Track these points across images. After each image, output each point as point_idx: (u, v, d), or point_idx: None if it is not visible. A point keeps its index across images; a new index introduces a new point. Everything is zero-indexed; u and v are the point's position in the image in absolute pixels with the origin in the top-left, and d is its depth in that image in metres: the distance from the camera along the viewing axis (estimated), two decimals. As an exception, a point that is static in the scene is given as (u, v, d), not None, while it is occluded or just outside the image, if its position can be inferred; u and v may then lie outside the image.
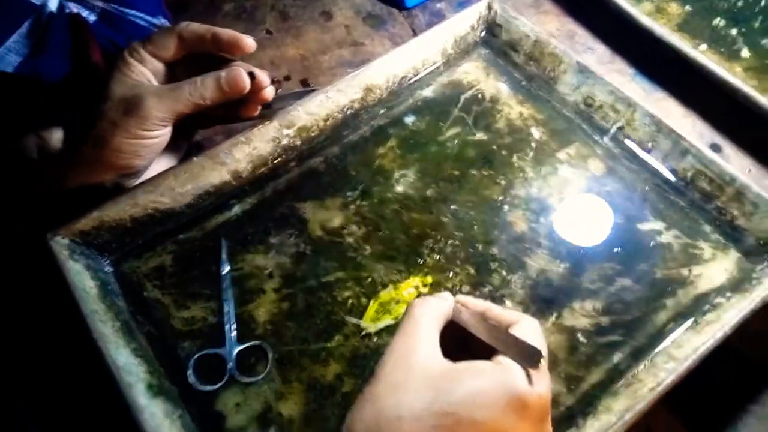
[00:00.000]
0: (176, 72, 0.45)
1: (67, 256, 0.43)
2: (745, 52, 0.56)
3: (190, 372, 0.41)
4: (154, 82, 0.43)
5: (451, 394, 0.30)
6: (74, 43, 0.52)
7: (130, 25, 0.56)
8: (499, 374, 0.31)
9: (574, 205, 0.49)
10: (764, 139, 0.53)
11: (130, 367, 0.39)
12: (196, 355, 0.42)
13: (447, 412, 0.29)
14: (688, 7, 0.60)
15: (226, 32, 0.43)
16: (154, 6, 0.59)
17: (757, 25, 0.58)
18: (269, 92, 0.45)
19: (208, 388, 0.41)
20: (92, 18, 0.54)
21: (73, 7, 0.53)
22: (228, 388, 0.41)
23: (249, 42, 0.43)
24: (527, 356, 0.31)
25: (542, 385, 0.31)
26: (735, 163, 0.53)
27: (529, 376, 0.31)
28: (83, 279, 0.43)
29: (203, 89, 0.42)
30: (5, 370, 0.46)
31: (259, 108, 0.46)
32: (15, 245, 0.47)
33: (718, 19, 0.58)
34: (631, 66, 0.59)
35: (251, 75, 0.43)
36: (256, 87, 0.43)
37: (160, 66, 0.44)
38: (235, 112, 0.46)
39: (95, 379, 0.40)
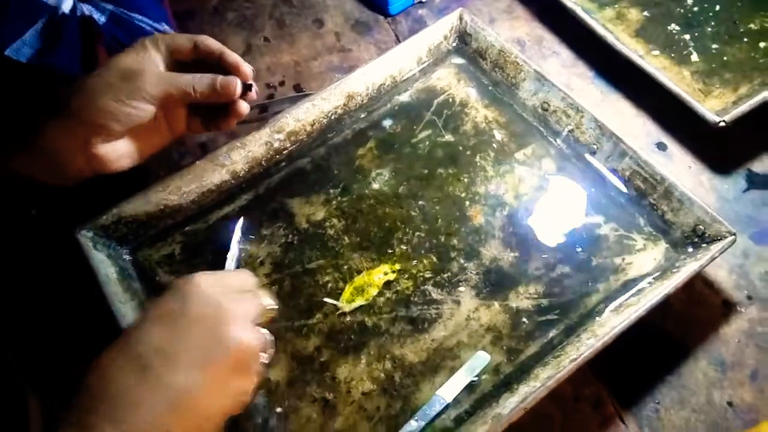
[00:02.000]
0: (183, 70, 0.49)
1: (91, 247, 0.52)
2: (695, 57, 0.61)
3: None
4: (161, 69, 0.47)
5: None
6: (84, 43, 0.58)
7: (136, 28, 0.62)
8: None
9: (526, 201, 0.55)
10: (704, 139, 0.58)
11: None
12: None
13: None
14: (646, 13, 0.64)
15: (233, 56, 0.49)
16: (158, 14, 0.65)
17: (708, 30, 0.63)
18: (244, 109, 0.50)
19: None
20: (102, 19, 0.59)
21: (85, 9, 0.58)
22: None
23: (247, 71, 0.49)
24: None
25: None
26: (678, 159, 0.59)
27: None
28: (105, 266, 0.51)
29: (198, 82, 0.47)
30: (34, 348, 0.55)
31: (234, 123, 0.51)
32: (43, 237, 0.55)
33: (673, 24, 0.63)
34: (591, 69, 0.65)
35: (248, 86, 0.48)
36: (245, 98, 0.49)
37: (170, 59, 0.48)
38: (215, 121, 0.51)
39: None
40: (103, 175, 0.47)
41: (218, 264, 0.53)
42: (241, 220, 0.55)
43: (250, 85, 0.49)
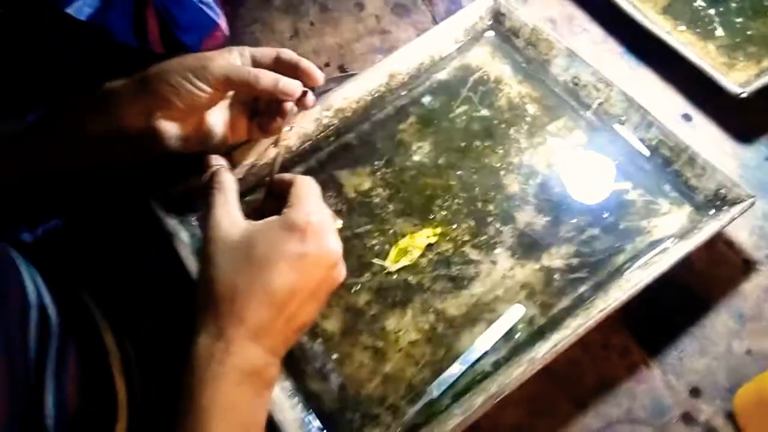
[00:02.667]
0: None
1: (165, 214, 0.58)
2: (720, 32, 0.64)
3: None
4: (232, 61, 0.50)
5: (249, 250, 0.41)
6: (136, 8, 0.61)
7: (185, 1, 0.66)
8: (281, 219, 0.43)
9: (558, 170, 0.60)
10: (727, 110, 0.62)
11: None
12: None
13: (248, 264, 0.41)
14: (674, -10, 0.68)
15: (308, 62, 0.52)
16: None
17: (733, 5, 0.65)
18: (292, 112, 0.54)
19: None
20: None
21: None
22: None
23: (318, 77, 0.52)
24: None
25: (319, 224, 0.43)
26: (702, 129, 0.62)
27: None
28: (178, 230, 0.57)
29: (263, 76, 0.49)
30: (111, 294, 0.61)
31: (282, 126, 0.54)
32: (123, 206, 0.62)
33: (699, 1, 0.66)
34: (620, 45, 0.68)
35: (304, 93, 0.52)
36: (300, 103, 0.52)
37: (249, 64, 0.51)
38: (266, 122, 0.54)
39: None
40: (157, 155, 0.52)
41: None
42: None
43: (306, 92, 0.52)
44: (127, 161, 0.54)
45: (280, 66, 0.52)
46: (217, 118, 0.54)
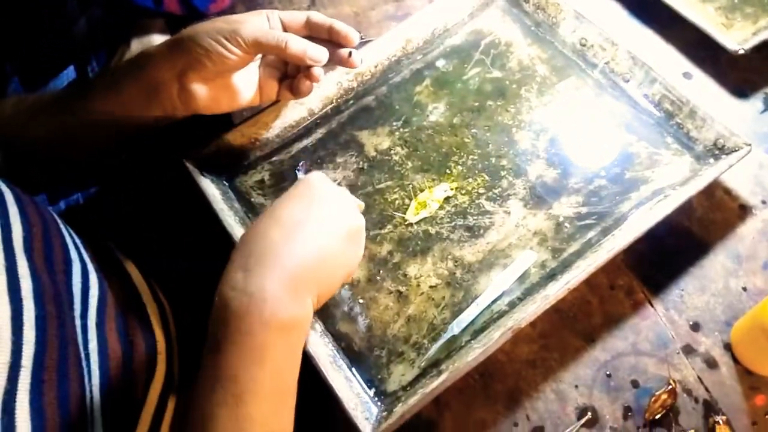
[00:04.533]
0: None
1: (198, 173, 0.62)
2: (719, -7, 0.68)
3: None
4: (263, 25, 0.52)
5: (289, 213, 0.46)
6: None
7: None
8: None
9: (567, 126, 0.63)
10: (725, 68, 0.65)
11: (248, 246, 0.58)
12: None
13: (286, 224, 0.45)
14: (675, -45, 0.71)
15: (341, 25, 0.54)
16: None
17: (732, -32, 0.69)
18: (317, 77, 0.56)
19: None
20: None
21: None
22: (314, 261, 0.59)
23: (354, 37, 0.55)
24: None
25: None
26: (702, 86, 0.66)
27: None
28: (210, 188, 0.61)
29: (292, 40, 0.51)
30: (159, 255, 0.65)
31: (309, 90, 0.58)
32: (159, 167, 0.65)
33: (700, -36, 0.69)
34: (625, 8, 0.71)
35: (349, 53, 0.55)
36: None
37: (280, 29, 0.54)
38: (295, 85, 0.57)
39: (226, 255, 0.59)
40: (189, 116, 0.55)
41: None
42: (302, 163, 0.65)
43: (350, 52, 0.55)
44: (159, 122, 0.57)
45: (312, 29, 0.55)
46: (247, 80, 0.56)
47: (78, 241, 0.51)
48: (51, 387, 0.37)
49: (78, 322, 0.44)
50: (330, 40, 0.55)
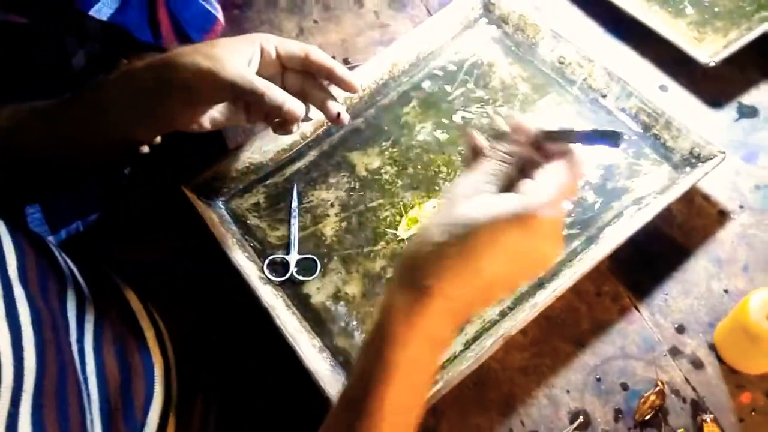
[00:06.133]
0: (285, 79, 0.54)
1: (195, 198, 0.64)
2: (690, 10, 0.71)
3: (265, 268, 0.61)
4: (246, 64, 0.50)
5: (474, 229, 0.37)
6: (149, 7, 0.65)
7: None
8: (516, 203, 0.37)
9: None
10: (699, 79, 0.68)
11: (247, 267, 0.60)
12: (268, 258, 0.61)
13: (466, 243, 0.37)
14: (646, -26, 0.74)
15: (343, 71, 0.53)
16: None
17: (701, -15, 0.72)
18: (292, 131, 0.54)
19: (278, 279, 0.60)
20: None
21: None
22: (310, 280, 0.61)
23: (355, 85, 0.54)
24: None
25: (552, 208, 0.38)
26: (677, 98, 0.68)
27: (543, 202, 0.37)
28: (209, 213, 0.63)
29: (271, 93, 0.49)
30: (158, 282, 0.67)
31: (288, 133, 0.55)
32: (157, 194, 0.68)
33: (671, -19, 0.73)
34: (600, 26, 0.74)
35: (338, 114, 0.53)
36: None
37: (271, 60, 0.52)
38: (271, 125, 0.55)
39: (224, 277, 0.61)
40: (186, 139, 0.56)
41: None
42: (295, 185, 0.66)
43: (339, 113, 0.53)
44: (148, 136, 0.57)
45: (310, 67, 0.53)
46: (230, 105, 0.56)
47: (74, 267, 0.52)
48: (51, 411, 0.38)
49: (75, 346, 0.45)
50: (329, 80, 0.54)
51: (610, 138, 0.39)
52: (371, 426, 0.38)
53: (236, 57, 0.50)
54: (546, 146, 0.41)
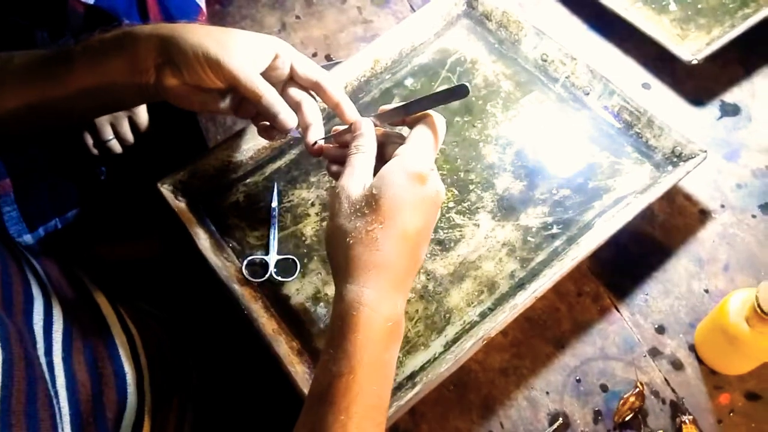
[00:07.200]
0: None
1: (172, 196, 0.63)
2: (673, 6, 0.70)
3: (243, 269, 0.60)
4: (255, 64, 0.51)
5: (377, 200, 0.43)
6: None
7: None
8: (397, 161, 0.45)
9: (532, 139, 0.65)
10: (682, 77, 0.68)
11: (225, 268, 0.59)
12: (247, 259, 0.60)
13: (379, 213, 0.43)
14: (631, -29, 0.73)
15: (354, 113, 0.53)
16: None
17: (686, -18, 0.71)
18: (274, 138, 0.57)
19: (257, 281, 0.60)
20: None
21: None
22: (290, 281, 0.60)
23: (358, 126, 0.51)
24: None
25: (434, 171, 0.46)
26: (660, 96, 0.68)
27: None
28: (185, 212, 0.62)
29: (268, 98, 0.50)
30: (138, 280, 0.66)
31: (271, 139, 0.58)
32: (136, 193, 0.67)
33: (655, -21, 0.72)
34: (584, 23, 0.74)
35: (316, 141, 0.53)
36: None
37: (282, 79, 0.54)
38: (258, 127, 0.57)
39: (202, 277, 0.60)
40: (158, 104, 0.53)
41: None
42: (275, 184, 0.65)
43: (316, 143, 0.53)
44: (137, 101, 0.56)
45: (318, 93, 0.54)
46: (226, 91, 0.54)
47: (42, 274, 0.51)
48: (20, 430, 0.37)
49: (43, 360, 0.44)
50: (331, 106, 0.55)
51: (456, 93, 0.47)
52: (339, 412, 0.39)
53: (246, 52, 0.50)
54: (408, 120, 0.51)
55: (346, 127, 0.53)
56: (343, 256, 0.44)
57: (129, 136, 0.71)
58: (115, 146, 0.71)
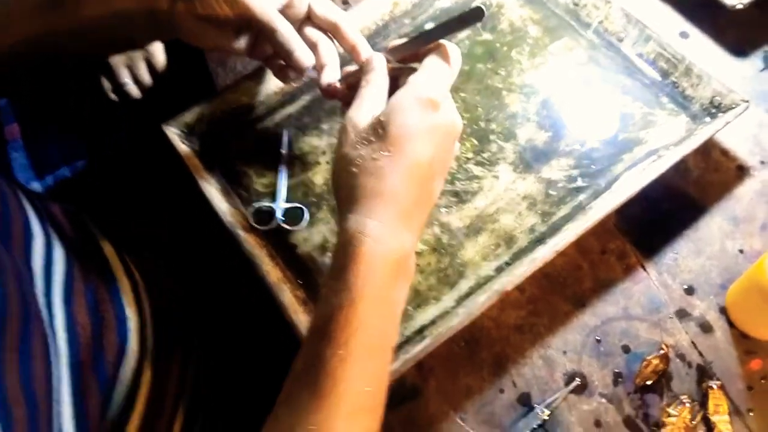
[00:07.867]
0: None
1: (178, 141, 0.60)
2: (718, -52, 0.65)
3: (250, 216, 0.57)
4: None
5: (386, 127, 0.40)
6: None
7: None
8: (407, 88, 0.42)
9: (559, 88, 0.61)
10: (723, 26, 0.63)
11: (231, 214, 0.57)
12: (254, 206, 0.58)
13: (387, 142, 0.40)
14: None
15: (368, 50, 0.51)
16: None
17: None
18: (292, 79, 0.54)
19: (263, 228, 0.57)
20: None
21: None
22: (297, 230, 0.58)
23: (364, 54, 0.50)
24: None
25: (449, 100, 0.43)
26: (699, 45, 0.63)
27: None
28: (191, 157, 0.60)
29: (284, 32, 0.48)
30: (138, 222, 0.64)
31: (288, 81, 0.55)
32: (140, 133, 0.64)
33: None
34: (620, -33, 0.69)
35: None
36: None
37: (299, 18, 0.51)
38: (273, 68, 0.55)
39: (208, 224, 0.58)
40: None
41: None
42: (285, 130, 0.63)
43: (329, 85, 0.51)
44: (145, 39, 0.53)
45: (335, 35, 0.52)
46: (242, 28, 0.50)
47: (45, 214, 0.49)
48: (12, 364, 0.36)
49: (42, 300, 0.42)
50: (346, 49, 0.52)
51: (471, 16, 0.43)
52: (337, 345, 0.36)
53: None
54: (421, 53, 0.46)
55: (358, 68, 0.50)
56: (347, 186, 0.41)
57: (147, 77, 0.69)
58: (133, 90, 0.69)
